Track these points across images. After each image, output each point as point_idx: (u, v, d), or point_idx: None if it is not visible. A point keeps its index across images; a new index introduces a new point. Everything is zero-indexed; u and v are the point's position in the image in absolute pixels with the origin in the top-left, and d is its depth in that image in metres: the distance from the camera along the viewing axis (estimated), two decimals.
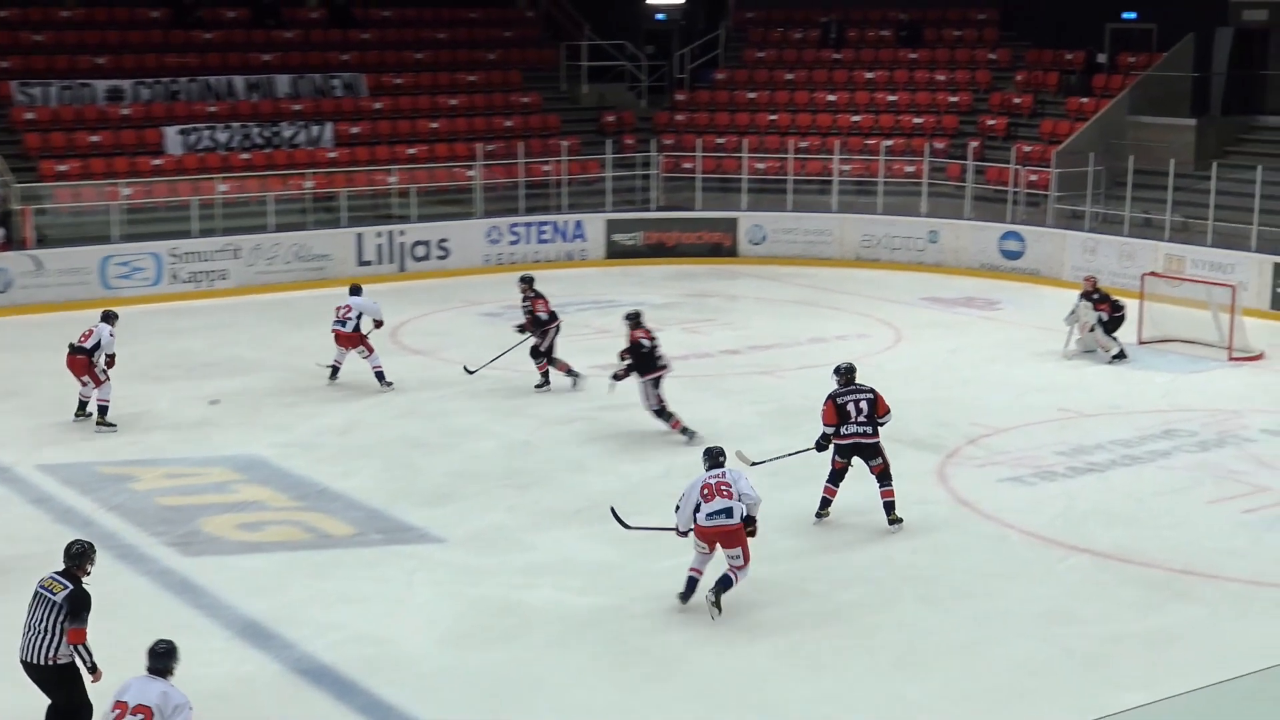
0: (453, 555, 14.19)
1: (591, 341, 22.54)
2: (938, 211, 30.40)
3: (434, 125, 31.76)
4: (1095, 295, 21.92)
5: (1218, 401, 19.76)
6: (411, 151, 30.81)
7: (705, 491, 12.76)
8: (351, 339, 19.94)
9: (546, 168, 30.99)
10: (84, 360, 17.98)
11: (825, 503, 15.05)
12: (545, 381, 20.15)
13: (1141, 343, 22.71)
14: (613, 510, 13.88)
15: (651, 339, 17.83)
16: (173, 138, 29.07)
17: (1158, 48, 32.18)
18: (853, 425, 14.65)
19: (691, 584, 12.98)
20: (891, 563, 14.06)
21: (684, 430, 17.69)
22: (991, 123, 32.12)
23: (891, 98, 33.43)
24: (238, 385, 20.23)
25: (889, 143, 31.91)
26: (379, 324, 20.37)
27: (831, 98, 33.69)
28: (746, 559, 12.82)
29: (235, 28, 32.26)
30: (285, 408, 19.24)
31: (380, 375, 19.95)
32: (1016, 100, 32.39)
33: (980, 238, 29.42)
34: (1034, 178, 29.81)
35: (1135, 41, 33.45)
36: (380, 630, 12.51)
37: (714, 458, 13.13)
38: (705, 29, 37.21)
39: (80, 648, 9.95)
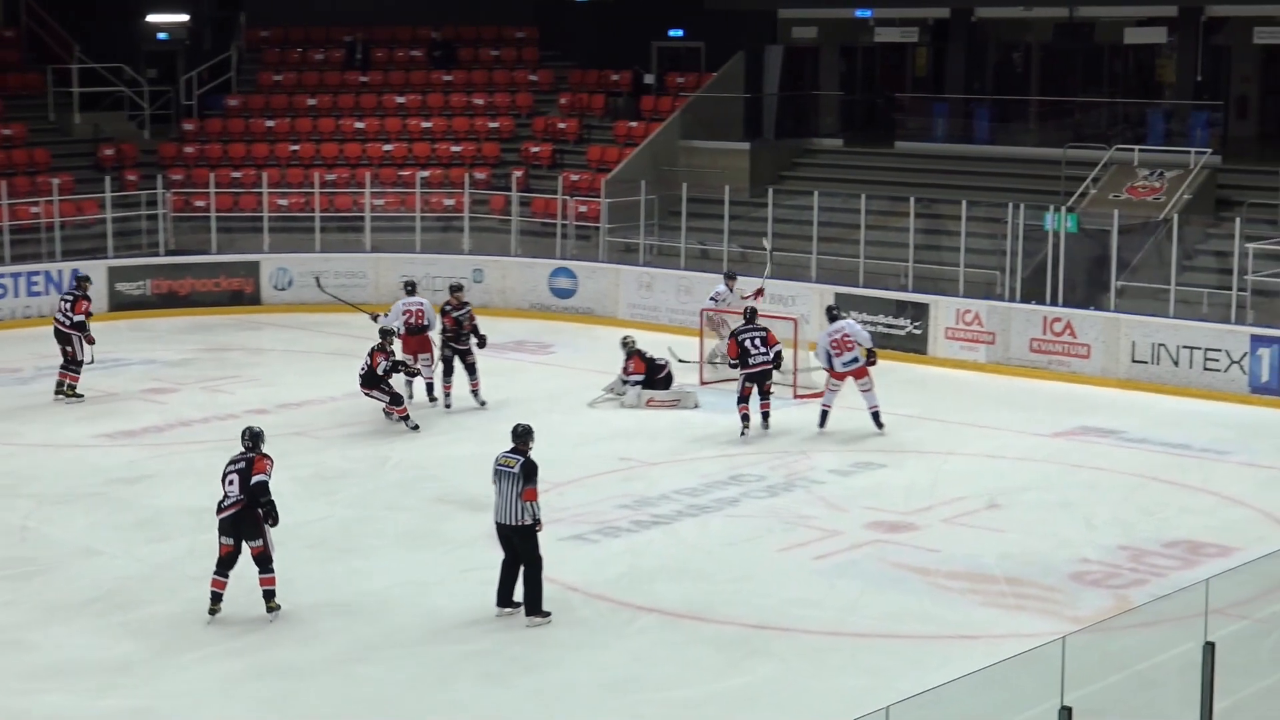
0: None
1: (99, 406, 21.91)
2: (482, 248, 30.80)
3: None
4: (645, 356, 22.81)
5: (784, 443, 20.60)
6: None
7: (835, 347, 20.45)
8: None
9: (35, 209, 29.93)
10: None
11: (745, 419, 20.66)
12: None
13: (704, 383, 23.47)
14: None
15: None
16: None
17: (707, 67, 33.46)
18: (756, 357, 20.55)
19: (824, 416, 20.78)
20: (444, 637, 14.10)
21: None
22: (536, 150, 32.77)
23: (426, 124, 33.72)
24: None
25: (425, 174, 32.15)
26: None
27: (360, 125, 33.75)
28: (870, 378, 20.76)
29: None
30: None
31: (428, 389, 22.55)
32: (561, 125, 33.14)
33: (529, 275, 29.94)
34: (584, 209, 30.51)
35: (684, 61, 34.72)
36: None
37: (833, 314, 21.02)
38: (214, 49, 36.70)
39: (532, 504, 14.02)
